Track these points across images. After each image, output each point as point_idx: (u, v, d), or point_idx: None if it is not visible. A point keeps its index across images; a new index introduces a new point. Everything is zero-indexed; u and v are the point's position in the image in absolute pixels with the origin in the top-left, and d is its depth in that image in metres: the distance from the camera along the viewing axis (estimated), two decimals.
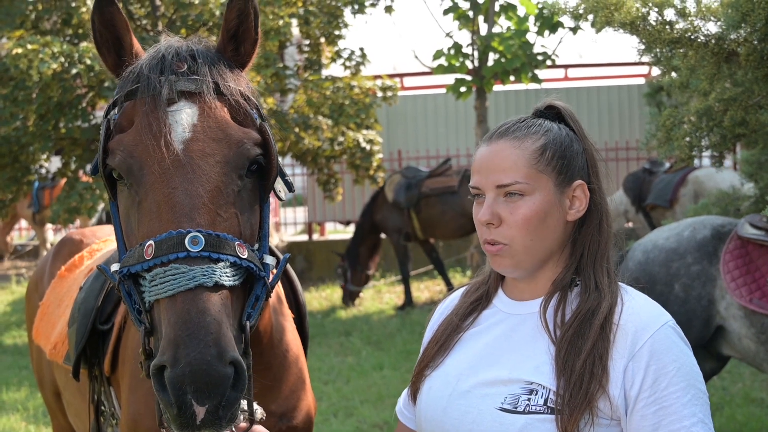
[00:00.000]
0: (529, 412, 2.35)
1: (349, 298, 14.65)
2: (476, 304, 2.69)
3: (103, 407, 3.82)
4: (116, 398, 3.70)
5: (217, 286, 2.36)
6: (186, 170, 2.49)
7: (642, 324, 2.38)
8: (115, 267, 2.54)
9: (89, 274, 4.30)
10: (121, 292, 2.51)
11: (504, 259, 2.50)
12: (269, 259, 2.59)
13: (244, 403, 2.57)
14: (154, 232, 2.45)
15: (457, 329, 2.66)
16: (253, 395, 2.54)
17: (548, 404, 2.34)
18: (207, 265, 2.37)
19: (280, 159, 2.81)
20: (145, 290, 2.42)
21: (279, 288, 3.32)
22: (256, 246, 2.60)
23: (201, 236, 2.38)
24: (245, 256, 2.46)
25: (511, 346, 2.50)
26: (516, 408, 2.37)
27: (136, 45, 2.80)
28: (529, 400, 2.36)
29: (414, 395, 2.69)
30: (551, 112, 2.63)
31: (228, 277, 2.40)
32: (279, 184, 2.79)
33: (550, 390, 2.35)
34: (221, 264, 2.40)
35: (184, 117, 2.57)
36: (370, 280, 15.19)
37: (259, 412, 2.61)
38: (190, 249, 2.37)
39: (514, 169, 2.47)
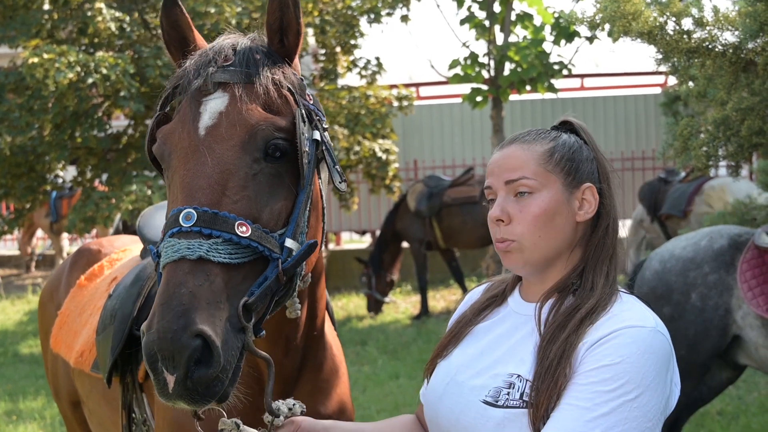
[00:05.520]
0: (507, 406, 2.38)
1: (374, 305, 14.65)
2: (492, 300, 2.75)
3: (133, 414, 3.83)
4: (149, 405, 3.72)
5: (202, 260, 2.39)
6: (202, 154, 2.58)
7: (616, 322, 2.37)
8: None
9: (114, 282, 4.35)
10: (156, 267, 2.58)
11: (513, 255, 2.55)
12: (290, 243, 2.59)
13: (289, 402, 2.63)
14: (170, 211, 2.56)
15: (469, 323, 2.72)
16: (272, 386, 2.54)
17: (523, 398, 2.36)
18: (196, 239, 2.42)
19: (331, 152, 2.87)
20: None
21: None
22: (281, 231, 2.60)
23: (194, 212, 2.44)
24: (246, 235, 2.47)
25: (508, 342, 2.55)
26: (497, 402, 2.40)
27: (199, 41, 2.92)
28: (508, 394, 2.39)
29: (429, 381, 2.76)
30: (565, 127, 2.72)
31: (219, 253, 2.41)
32: (336, 177, 2.85)
33: (527, 383, 2.38)
34: (213, 240, 2.42)
35: (212, 105, 2.67)
36: (394, 285, 15.13)
37: (297, 406, 2.64)
38: (182, 224, 2.43)
39: (523, 167, 2.55)
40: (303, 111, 2.73)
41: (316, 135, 2.77)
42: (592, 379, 2.29)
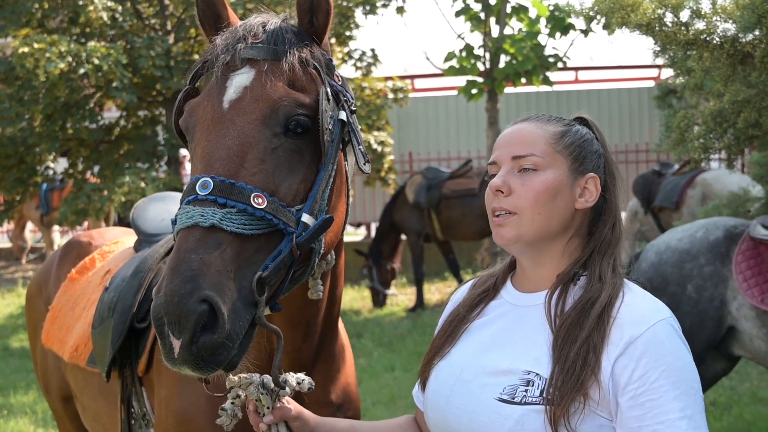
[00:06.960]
0: (526, 403, 2.36)
1: (378, 298, 14.60)
2: (483, 295, 2.73)
3: (132, 409, 3.80)
4: (148, 399, 3.71)
5: (215, 228, 2.40)
6: (223, 126, 2.61)
7: (639, 317, 2.39)
8: None
9: (108, 275, 4.31)
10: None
11: (508, 228, 2.53)
12: (306, 218, 2.57)
13: (300, 377, 2.64)
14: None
15: (464, 320, 2.70)
16: (280, 361, 2.53)
17: (544, 395, 2.35)
18: (210, 207, 2.43)
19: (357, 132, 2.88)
20: None
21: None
22: (299, 206, 2.59)
23: (211, 181, 2.46)
24: (261, 207, 2.47)
25: (514, 337, 2.53)
26: (514, 399, 2.38)
27: (232, 19, 2.95)
28: (526, 391, 2.38)
29: (424, 384, 2.73)
30: (579, 122, 2.72)
31: (233, 222, 2.42)
32: (360, 159, 2.85)
33: (546, 380, 2.37)
34: (227, 209, 2.43)
35: (238, 80, 2.71)
36: (396, 275, 15.01)
37: (306, 382, 2.64)
38: (198, 192, 2.46)
39: (533, 143, 2.55)
40: (328, 89, 2.74)
41: (342, 115, 2.78)
42: (666, 389, 2.34)
